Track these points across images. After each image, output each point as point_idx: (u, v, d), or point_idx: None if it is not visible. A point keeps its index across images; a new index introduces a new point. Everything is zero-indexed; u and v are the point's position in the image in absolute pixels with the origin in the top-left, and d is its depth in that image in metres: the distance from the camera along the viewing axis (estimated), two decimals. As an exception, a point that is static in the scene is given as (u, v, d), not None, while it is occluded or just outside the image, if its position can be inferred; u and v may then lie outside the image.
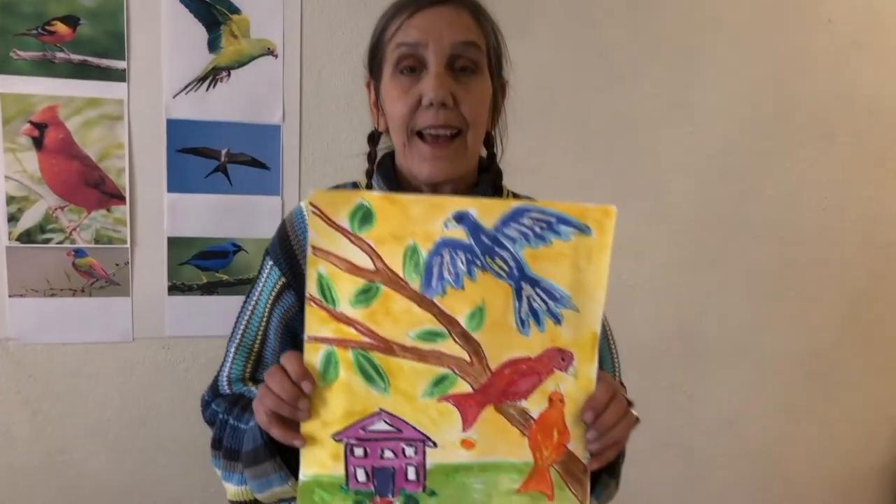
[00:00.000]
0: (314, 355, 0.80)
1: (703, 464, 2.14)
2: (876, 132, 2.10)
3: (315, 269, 0.79)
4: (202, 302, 1.72)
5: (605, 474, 0.94)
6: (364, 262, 0.79)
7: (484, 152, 1.04)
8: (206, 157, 1.68)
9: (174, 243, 1.68)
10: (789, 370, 2.15)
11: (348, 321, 0.80)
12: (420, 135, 0.92)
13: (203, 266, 1.71)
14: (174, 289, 1.70)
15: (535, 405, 0.82)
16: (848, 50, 2.04)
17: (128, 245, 1.66)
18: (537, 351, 0.81)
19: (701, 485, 2.15)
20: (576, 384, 0.82)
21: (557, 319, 0.81)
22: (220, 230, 1.70)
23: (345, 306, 0.80)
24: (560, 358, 0.82)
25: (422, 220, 0.79)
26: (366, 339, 0.80)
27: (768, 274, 2.08)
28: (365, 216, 0.79)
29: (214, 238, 1.70)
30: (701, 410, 2.10)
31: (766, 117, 2.01)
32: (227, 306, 1.70)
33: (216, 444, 0.98)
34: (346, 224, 0.79)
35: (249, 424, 0.90)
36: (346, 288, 0.79)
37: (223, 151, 1.68)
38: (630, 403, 0.88)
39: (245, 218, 1.72)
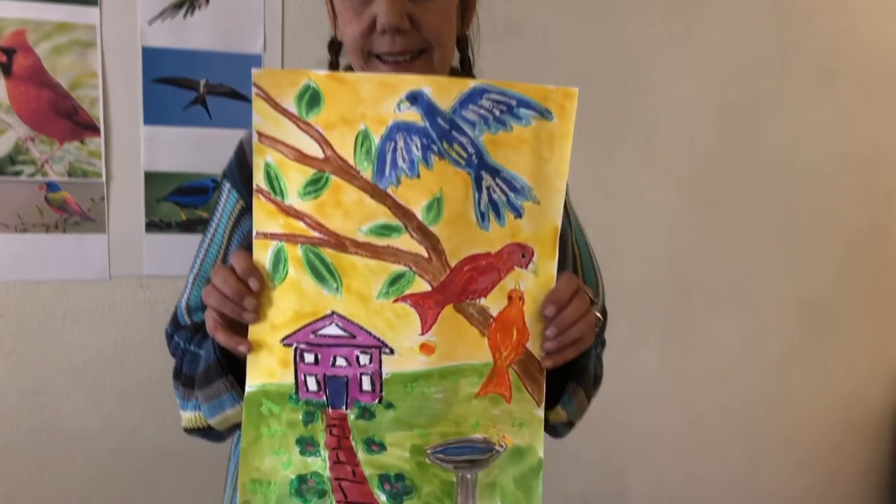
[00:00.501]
0: (263, 253, 0.75)
1: (696, 412, 2.11)
2: (878, 75, 2.05)
3: (262, 159, 0.74)
4: (181, 240, 1.66)
5: (573, 381, 0.89)
6: (313, 149, 0.74)
7: (457, 59, 0.97)
8: (184, 87, 1.61)
9: (151, 178, 1.62)
10: (785, 317, 2.11)
11: (297, 215, 0.75)
12: (379, 57, 0.85)
13: (182, 203, 1.65)
14: (152, 226, 1.64)
15: (494, 303, 0.77)
16: (851, -12, 1.99)
17: (103, 179, 1.60)
18: (497, 246, 0.77)
19: (694, 433, 2.12)
20: (536, 281, 0.78)
21: (518, 212, 0.77)
22: (199, 165, 1.64)
23: (293, 198, 0.74)
24: (521, 254, 0.77)
25: (373, 102, 0.74)
26: (315, 234, 0.75)
27: (765, 218, 2.04)
28: (312, 98, 0.73)
29: (193, 174, 1.64)
30: (694, 358, 2.07)
31: (767, 57, 1.96)
32: None
33: (176, 373, 0.92)
34: (292, 108, 0.73)
35: (206, 347, 0.85)
36: (294, 178, 0.74)
37: (202, 82, 1.62)
38: (593, 303, 0.82)
39: (225, 153, 1.59)
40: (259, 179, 0.74)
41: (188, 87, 1.61)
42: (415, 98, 0.74)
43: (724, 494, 2.18)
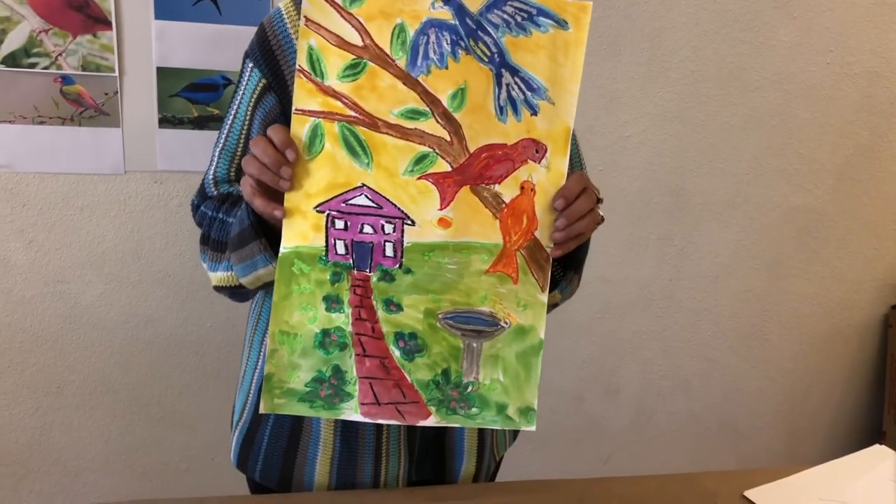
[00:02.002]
0: (301, 127, 0.81)
1: (689, 316, 2.19)
2: (889, -17, 2.03)
3: (306, 41, 0.80)
4: (193, 136, 1.70)
5: (571, 270, 0.98)
6: (353, 37, 0.81)
7: None
8: (193, -18, 1.62)
9: (163, 73, 1.65)
10: (779, 225, 2.16)
11: (335, 95, 0.81)
12: None
13: (193, 99, 1.68)
14: (165, 121, 1.68)
15: (507, 190, 0.85)
16: None
17: (116, 74, 1.63)
18: (513, 139, 0.84)
19: (685, 335, 2.21)
20: (547, 176, 0.85)
21: (534, 110, 0.84)
22: (209, 62, 1.67)
23: (332, 80, 0.81)
24: (534, 149, 0.85)
25: None
26: (351, 114, 0.81)
27: (766, 127, 2.06)
28: None
29: (204, 70, 1.67)
30: (690, 263, 2.14)
31: (776, -36, 1.94)
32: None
33: (204, 239, 1.00)
34: None
35: (238, 214, 0.91)
36: (334, 62, 0.81)
37: (211, -23, 1.63)
38: (599, 201, 0.91)
39: (235, 50, 1.65)
40: (302, 60, 0.80)
41: (198, -19, 1.62)
42: None
43: (711, 393, 2.29)
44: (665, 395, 2.26)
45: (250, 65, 1.00)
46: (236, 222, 0.91)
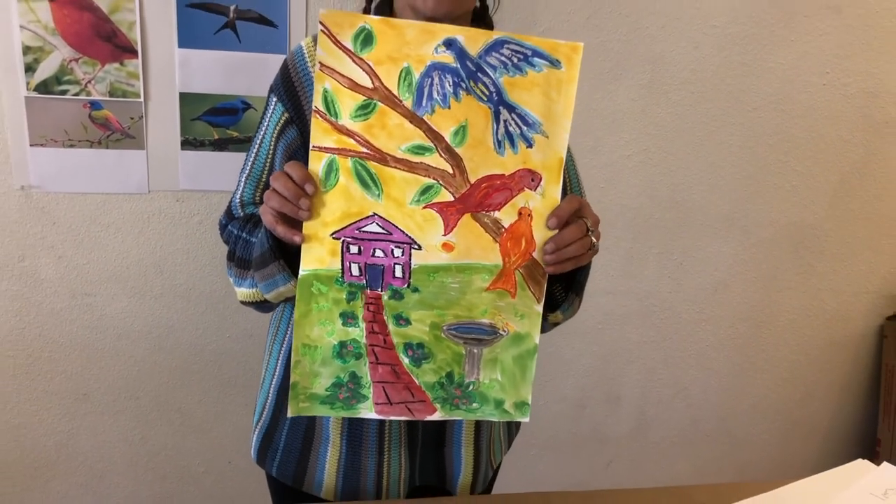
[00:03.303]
0: (317, 163, 0.90)
1: (688, 327, 2.26)
2: (884, 4, 2.08)
3: (321, 85, 0.88)
4: (214, 157, 1.79)
5: (572, 293, 1.06)
6: (364, 80, 0.89)
7: (478, 3, 1.11)
8: (215, 13, 1.70)
9: (186, 99, 1.74)
10: (776, 241, 2.23)
11: (348, 133, 0.90)
12: None
13: (214, 122, 1.77)
14: (187, 143, 1.77)
15: (506, 217, 0.94)
16: (863, -81, 2.01)
17: (141, 99, 1.71)
18: (511, 170, 0.93)
19: (685, 346, 2.28)
20: (542, 202, 0.94)
21: (529, 143, 0.92)
22: (229, 87, 1.75)
23: (346, 119, 0.89)
24: (530, 178, 0.93)
25: (416, 44, 0.88)
26: (363, 150, 0.90)
27: (764, 146, 2.12)
28: (366, 38, 0.88)
29: (224, 95, 1.75)
30: (689, 276, 2.21)
31: (774, -12, 2.01)
32: (237, 162, 1.70)
33: (231, 256, 1.09)
34: (349, 45, 0.88)
35: (259, 236, 1.00)
36: (347, 103, 0.89)
37: (231, 8, 1.70)
38: (589, 229, 0.96)
39: (254, 76, 1.76)
40: (318, 102, 0.89)
41: (219, 12, 1.70)
42: (450, 44, 0.89)
43: (710, 401, 2.36)
44: (665, 404, 2.33)
45: (274, 99, 1.09)
46: (258, 244, 1.00)
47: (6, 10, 1.59)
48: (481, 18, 1.12)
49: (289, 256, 0.96)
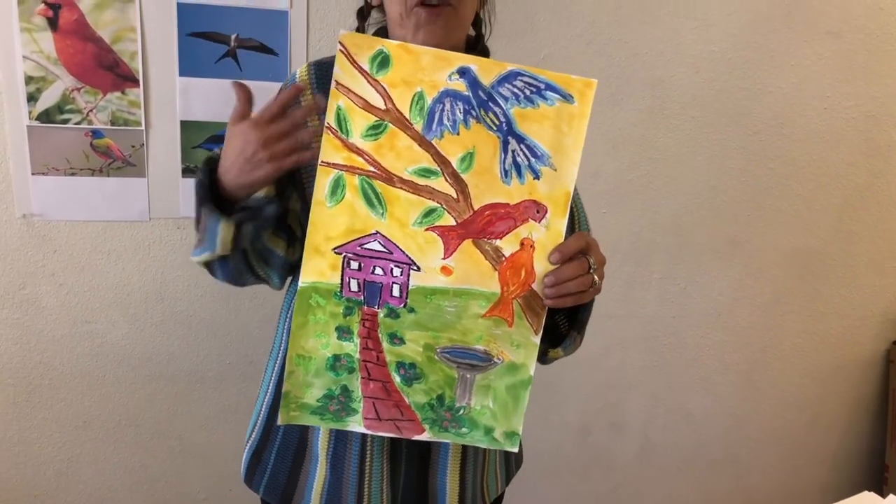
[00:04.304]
0: (325, 178, 0.91)
1: (692, 352, 2.24)
2: (884, 29, 2.09)
3: (335, 102, 0.90)
4: (215, 184, 1.79)
5: (574, 330, 1.06)
6: (377, 101, 0.90)
7: (472, 32, 1.12)
8: (216, 41, 1.71)
9: (186, 127, 1.75)
10: (780, 264, 2.22)
11: (358, 151, 0.91)
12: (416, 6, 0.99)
13: (214, 150, 1.77)
14: (187, 171, 1.77)
15: (507, 245, 0.94)
16: (862, -56, 2.02)
17: (142, 127, 1.72)
18: (516, 199, 0.93)
19: (689, 371, 2.26)
20: (547, 234, 0.93)
21: (536, 175, 0.92)
22: (230, 115, 1.75)
23: (356, 138, 0.91)
24: (535, 209, 0.93)
25: (430, 70, 0.90)
26: (371, 169, 0.91)
27: (765, 170, 2.12)
28: (383, 61, 0.89)
29: (225, 123, 1.75)
30: (692, 301, 2.19)
31: (775, 12, 2.01)
32: None
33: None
34: (366, 66, 0.89)
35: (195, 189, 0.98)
36: (359, 122, 0.90)
37: (232, 37, 1.72)
38: (592, 267, 0.95)
39: (255, 103, 1.76)
40: (330, 118, 0.90)
41: (220, 41, 1.72)
42: (464, 72, 0.90)
43: (715, 427, 2.34)
44: (670, 429, 2.31)
45: None
46: (194, 201, 0.97)
47: (9, 40, 1.60)
48: (474, 47, 1.13)
49: (219, 202, 0.95)
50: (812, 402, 2.39)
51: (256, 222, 0.97)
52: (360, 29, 1.15)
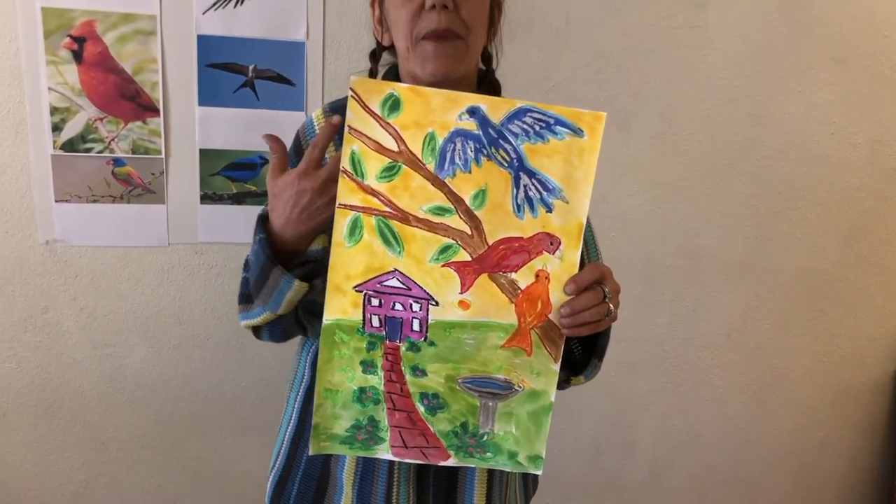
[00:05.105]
0: (343, 220, 0.93)
1: (702, 373, 2.26)
2: (889, 56, 2.12)
3: (349, 147, 0.92)
4: (232, 211, 1.83)
5: (595, 357, 1.08)
6: (390, 143, 0.92)
7: (482, 66, 1.14)
8: (234, 72, 1.76)
9: (205, 155, 1.79)
10: (789, 286, 2.24)
11: (373, 192, 0.93)
12: (424, 39, 1.01)
13: (232, 177, 1.82)
14: (206, 198, 1.81)
15: (523, 278, 0.96)
16: (866, -28, 2.06)
17: (162, 155, 1.77)
18: (529, 233, 0.95)
19: (699, 392, 2.28)
20: (561, 266, 0.96)
21: (549, 208, 0.94)
22: (248, 143, 1.80)
23: (371, 180, 0.93)
24: (549, 242, 0.95)
25: (440, 111, 0.92)
26: (387, 209, 0.93)
27: (773, 194, 2.15)
28: (394, 104, 0.91)
29: (243, 150, 1.81)
30: (702, 323, 2.21)
31: (780, 40, 2.04)
32: (255, 215, 1.81)
33: (239, 299, 1.08)
34: (377, 110, 0.91)
35: (251, 257, 1.00)
36: (373, 164, 0.92)
37: (250, 67, 1.76)
38: (606, 296, 0.97)
39: (271, 132, 1.79)
40: (345, 162, 0.92)
41: (238, 71, 1.76)
42: (473, 112, 0.92)
43: (725, 448, 2.35)
44: (680, 450, 2.32)
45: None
46: (253, 263, 1.00)
47: (36, 73, 1.65)
48: (484, 78, 1.15)
49: (287, 265, 0.97)
50: (821, 424, 2.40)
51: (324, 275, 0.99)
52: (374, 70, 1.17)
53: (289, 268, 0.97)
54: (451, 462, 1.03)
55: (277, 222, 0.96)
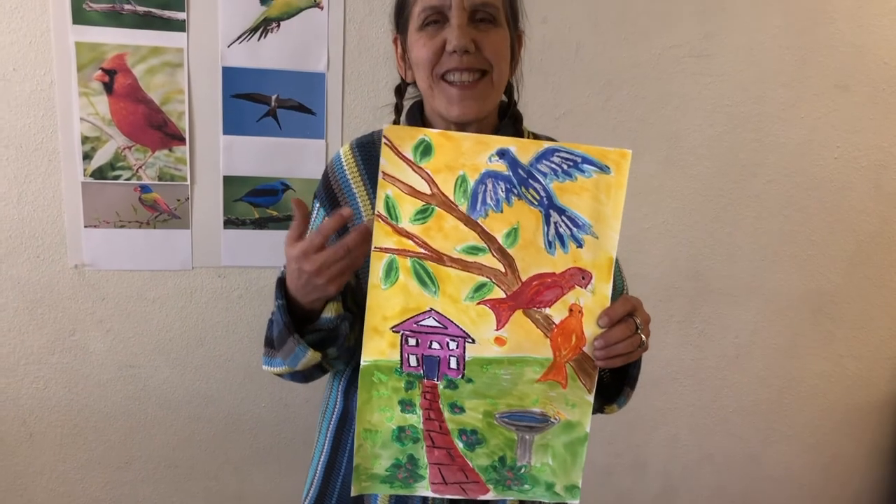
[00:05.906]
0: (379, 262, 0.97)
1: (711, 393, 2.30)
2: (890, 82, 2.17)
3: (384, 192, 0.95)
4: (254, 236, 1.89)
5: (627, 386, 1.11)
6: (423, 187, 0.96)
7: (505, 98, 1.16)
8: (257, 102, 1.83)
9: (229, 181, 1.85)
10: (795, 308, 2.28)
11: (408, 235, 0.96)
12: (445, 79, 1.04)
13: (255, 203, 1.87)
14: (229, 223, 1.87)
15: (557, 313, 0.98)
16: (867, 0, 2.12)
17: (188, 182, 1.83)
18: (561, 269, 0.97)
19: (708, 413, 2.31)
20: (593, 299, 0.98)
21: (579, 243, 0.97)
22: (270, 170, 1.86)
23: (405, 223, 0.96)
24: (581, 276, 0.97)
25: (471, 154, 0.95)
26: (421, 251, 0.97)
27: (779, 217, 2.20)
28: (426, 149, 0.95)
29: (265, 177, 1.87)
30: (711, 344, 2.25)
31: (785, 67, 2.10)
32: (276, 240, 1.87)
33: (265, 341, 1.12)
34: (410, 155, 0.95)
35: (275, 316, 1.04)
36: (407, 208, 0.96)
37: (273, 97, 1.83)
38: (638, 328, 1.00)
39: (293, 159, 1.87)
40: (380, 207, 0.95)
41: (261, 101, 1.83)
42: (503, 153, 0.95)
43: (735, 467, 2.38)
44: (691, 470, 2.35)
45: (317, 204, 1.17)
46: (275, 323, 1.04)
47: (68, 104, 1.72)
48: (506, 113, 1.17)
49: (303, 327, 1.01)
50: (830, 444, 2.43)
51: (338, 342, 1.03)
52: (399, 105, 1.19)
53: (307, 330, 1.01)
54: (489, 496, 1.05)
55: (290, 287, 0.99)
